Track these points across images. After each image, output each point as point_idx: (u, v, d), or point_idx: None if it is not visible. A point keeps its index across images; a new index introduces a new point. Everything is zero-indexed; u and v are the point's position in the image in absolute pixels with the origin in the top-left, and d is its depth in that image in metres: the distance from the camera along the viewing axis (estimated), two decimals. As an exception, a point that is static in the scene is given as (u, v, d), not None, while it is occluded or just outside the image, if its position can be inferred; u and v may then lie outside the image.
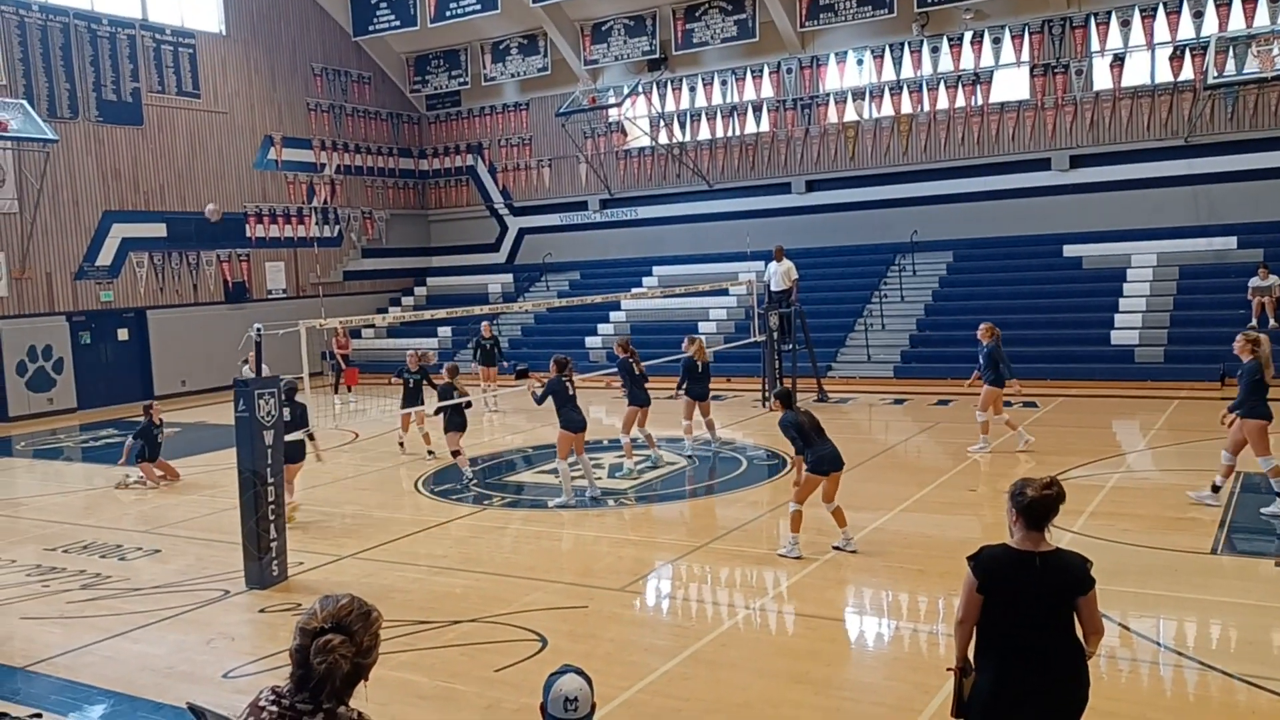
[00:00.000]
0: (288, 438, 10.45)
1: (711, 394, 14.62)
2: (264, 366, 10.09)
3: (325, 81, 27.73)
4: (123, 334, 23.05)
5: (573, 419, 11.19)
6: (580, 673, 3.24)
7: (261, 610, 8.15)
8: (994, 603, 3.99)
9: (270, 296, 26.03)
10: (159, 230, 23.56)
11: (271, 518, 8.69)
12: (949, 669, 4.29)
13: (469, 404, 12.82)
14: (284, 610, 8.01)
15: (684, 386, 13.89)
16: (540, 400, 11.48)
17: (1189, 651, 6.54)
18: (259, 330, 9.08)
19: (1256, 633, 6.86)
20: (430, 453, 14.46)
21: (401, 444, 14.93)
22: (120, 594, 8.72)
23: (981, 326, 13.10)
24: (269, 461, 8.70)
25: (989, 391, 12.85)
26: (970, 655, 4.15)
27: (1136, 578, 7.89)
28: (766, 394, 17.58)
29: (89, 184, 22.30)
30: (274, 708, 2.55)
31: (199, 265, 24.48)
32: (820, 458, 8.69)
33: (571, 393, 11.30)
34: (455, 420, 12.58)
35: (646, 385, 13.25)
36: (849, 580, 8.32)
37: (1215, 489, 9.92)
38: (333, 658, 2.50)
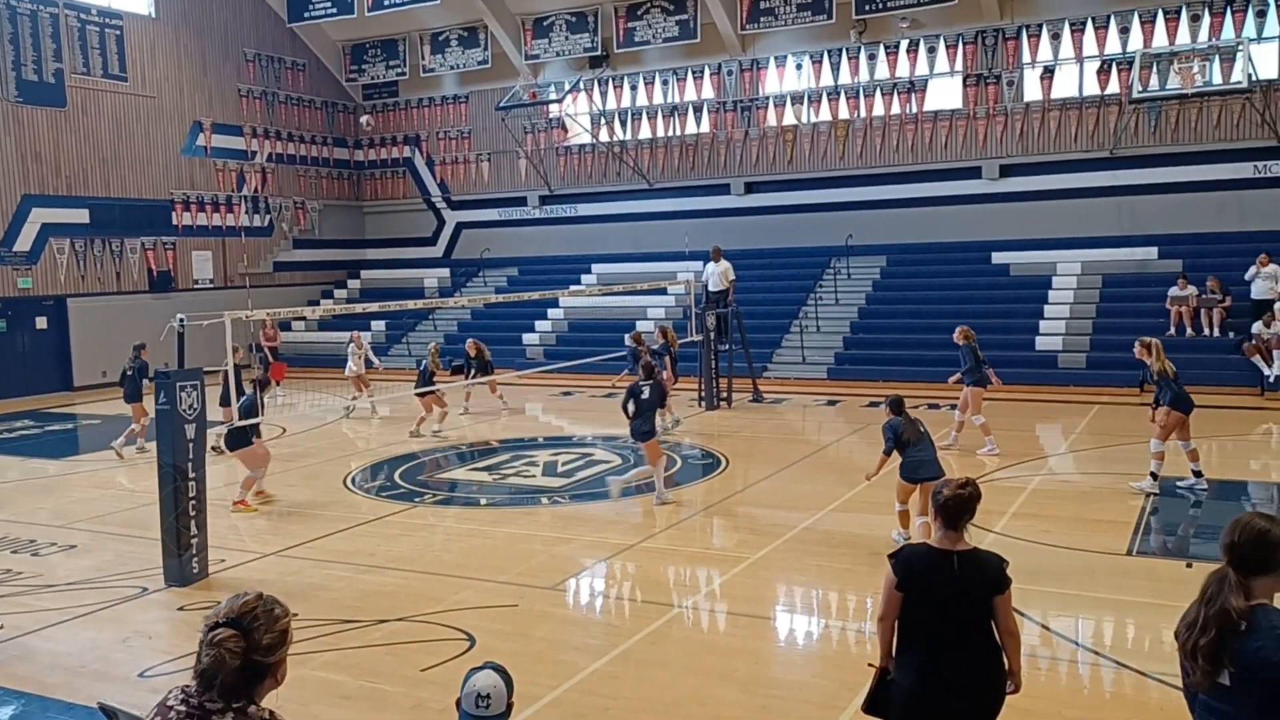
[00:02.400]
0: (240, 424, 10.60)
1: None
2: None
3: (258, 68, 27.15)
4: (41, 322, 22.30)
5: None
6: (499, 669, 3.17)
7: (180, 608, 7.95)
8: (913, 600, 4.05)
9: (196, 286, 25.41)
10: (81, 216, 22.85)
11: (192, 513, 8.47)
12: (870, 665, 4.34)
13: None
14: (204, 608, 7.79)
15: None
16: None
17: (1104, 650, 6.72)
18: (182, 321, 8.85)
19: (1168, 632, 7.04)
20: (435, 432, 15.58)
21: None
22: (32, 590, 8.43)
23: (957, 330, 13.38)
24: (190, 456, 8.48)
25: (972, 393, 13.07)
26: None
27: (1055, 578, 8.08)
28: (702, 393, 17.66)
29: (7, 166, 21.52)
30: (183, 707, 2.50)
31: (123, 253, 23.80)
32: (915, 464, 8.60)
33: (645, 397, 10.89)
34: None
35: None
36: (779, 579, 8.38)
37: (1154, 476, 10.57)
38: (218, 652, 2.48)
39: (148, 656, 6.93)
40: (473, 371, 17.28)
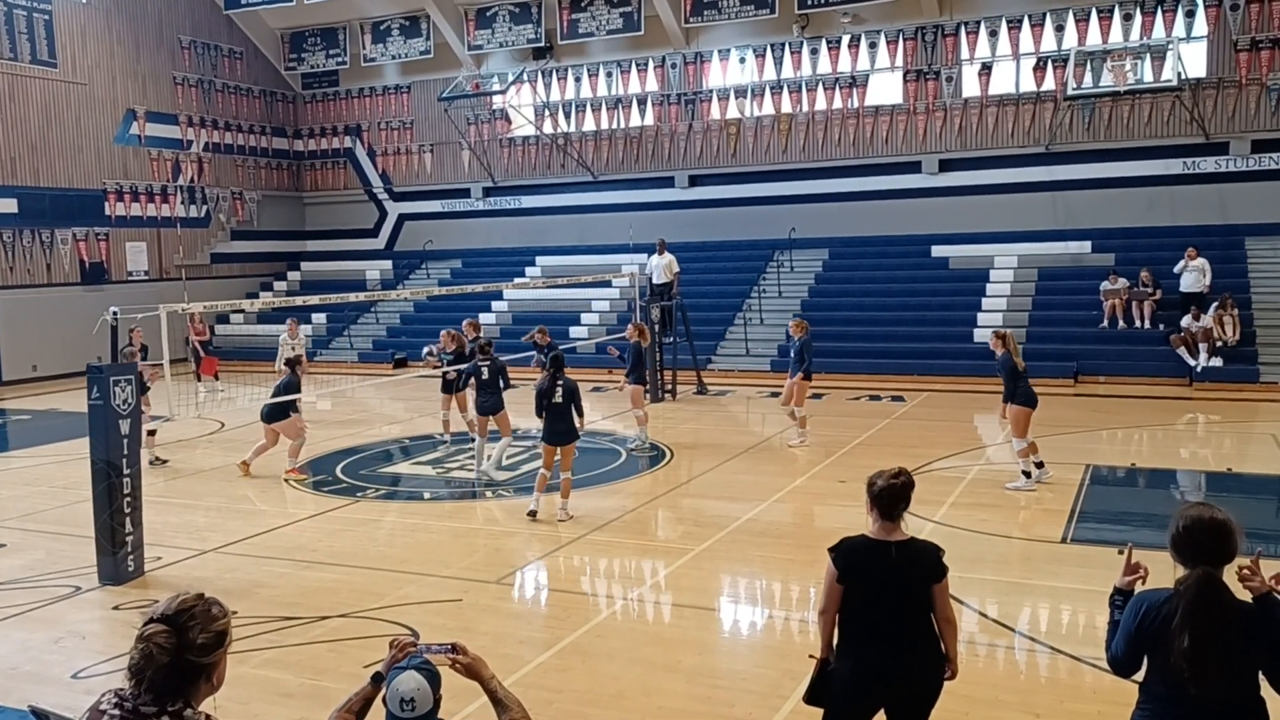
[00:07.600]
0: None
1: (594, 386, 14.74)
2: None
3: (193, 55, 26.55)
4: (-34, 315, 21.63)
5: (481, 402, 12.35)
6: (424, 668, 3.10)
7: (115, 607, 7.77)
8: (853, 592, 4.10)
9: (131, 278, 24.79)
10: (9, 206, 22.16)
11: (127, 510, 8.29)
12: (811, 656, 4.39)
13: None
14: (139, 607, 7.65)
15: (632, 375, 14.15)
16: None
17: (1040, 636, 6.88)
18: (115, 314, 8.64)
19: (1101, 618, 7.24)
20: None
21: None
22: (-41, 592, 8.19)
23: (794, 322, 13.83)
24: (124, 452, 8.29)
25: (800, 385, 13.48)
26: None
27: (992, 566, 8.26)
28: (647, 386, 17.66)
29: (-71, 154, 20.82)
30: (116, 711, 2.45)
31: (53, 244, 23.13)
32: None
33: (485, 376, 12.19)
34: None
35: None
36: (723, 570, 8.45)
37: (1026, 474, 10.69)
38: (146, 646, 2.45)
39: (81, 657, 6.78)
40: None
